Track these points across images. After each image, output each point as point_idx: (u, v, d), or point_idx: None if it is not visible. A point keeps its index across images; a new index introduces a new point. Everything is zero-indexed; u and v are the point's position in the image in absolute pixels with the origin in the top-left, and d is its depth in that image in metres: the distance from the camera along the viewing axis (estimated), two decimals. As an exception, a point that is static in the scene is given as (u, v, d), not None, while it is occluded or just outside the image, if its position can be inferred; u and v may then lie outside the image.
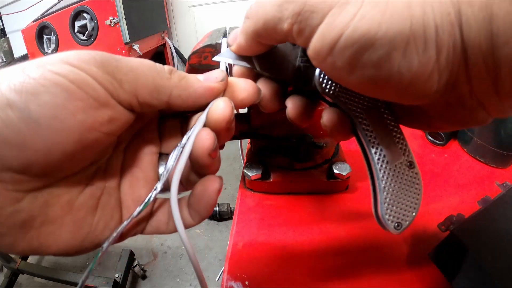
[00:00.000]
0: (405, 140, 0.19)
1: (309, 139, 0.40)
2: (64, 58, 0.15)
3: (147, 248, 1.43)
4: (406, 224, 0.19)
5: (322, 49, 0.14)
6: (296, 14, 0.14)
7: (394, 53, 0.12)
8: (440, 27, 0.12)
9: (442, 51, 0.12)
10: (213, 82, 0.18)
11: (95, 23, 1.52)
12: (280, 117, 0.39)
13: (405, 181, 0.19)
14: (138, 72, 0.16)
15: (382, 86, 0.14)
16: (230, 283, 0.31)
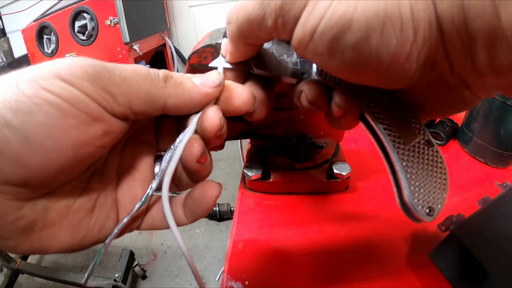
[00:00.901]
0: (417, 119, 0.18)
1: (309, 139, 0.40)
2: (56, 72, 0.15)
3: (147, 248, 1.43)
4: (439, 208, 0.17)
5: (304, 37, 0.14)
6: (278, 8, 0.14)
7: (372, 34, 0.12)
8: (415, 5, 0.12)
9: (419, 29, 0.12)
10: (210, 88, 0.18)
11: (95, 23, 1.52)
12: (280, 117, 0.39)
13: (427, 161, 0.17)
14: (132, 83, 0.16)
15: (363, 70, 0.14)
16: (230, 283, 0.31)
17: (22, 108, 0.14)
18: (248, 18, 0.16)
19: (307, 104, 0.20)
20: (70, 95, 0.14)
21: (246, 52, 0.19)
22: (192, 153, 0.18)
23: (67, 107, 0.14)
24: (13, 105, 0.14)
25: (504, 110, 0.42)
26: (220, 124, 0.18)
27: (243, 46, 0.18)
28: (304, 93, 0.20)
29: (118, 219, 0.20)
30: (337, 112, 0.19)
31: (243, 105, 0.19)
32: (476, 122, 0.47)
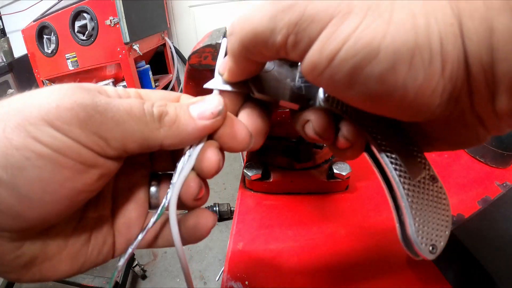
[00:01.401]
0: (422, 153, 0.17)
1: (309, 139, 0.40)
2: (45, 116, 0.13)
3: (147, 248, 1.43)
4: (441, 246, 0.16)
5: (320, 62, 0.13)
6: (293, 24, 0.13)
7: (400, 65, 0.12)
8: (445, 38, 0.11)
9: (447, 64, 0.12)
10: (208, 119, 0.17)
11: (95, 23, 1.52)
12: (280, 117, 0.39)
13: (431, 197, 0.17)
14: (125, 126, 0.15)
15: (384, 102, 0.13)
16: (230, 283, 0.31)
17: (12, 163, 0.13)
18: (254, 31, 0.14)
19: (313, 135, 0.18)
20: (61, 144, 0.14)
21: (247, 70, 0.17)
22: (189, 193, 0.18)
23: (60, 159, 0.14)
24: (2, 159, 0.13)
25: (504, 110, 0.42)
26: (219, 166, 0.17)
27: (244, 62, 0.17)
28: (311, 124, 0.18)
29: (114, 244, 0.20)
30: (343, 144, 0.18)
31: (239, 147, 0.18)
32: (476, 122, 0.47)
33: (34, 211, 0.14)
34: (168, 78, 2.12)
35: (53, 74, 1.76)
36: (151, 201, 0.21)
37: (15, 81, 1.84)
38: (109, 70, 1.69)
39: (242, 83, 0.19)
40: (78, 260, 0.18)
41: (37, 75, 1.81)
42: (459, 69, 0.12)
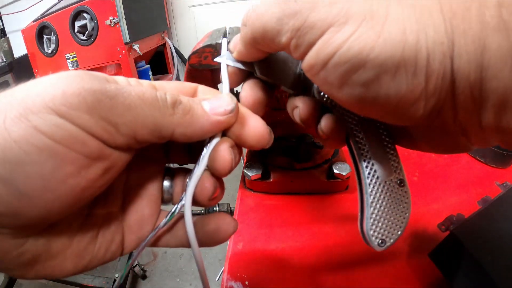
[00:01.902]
0: (398, 157, 0.19)
1: (309, 139, 0.40)
2: (50, 103, 0.13)
3: (147, 248, 1.43)
4: (391, 242, 0.18)
5: (316, 64, 0.14)
6: (295, 29, 0.14)
7: (384, 76, 0.12)
8: (432, 56, 0.12)
9: (431, 79, 0.12)
10: (221, 115, 0.17)
11: (95, 23, 1.52)
12: (280, 117, 0.39)
13: (393, 199, 0.18)
14: (137, 111, 0.14)
15: (369, 105, 0.14)
16: (230, 283, 0.31)
17: (10, 158, 0.12)
18: (263, 28, 0.15)
19: (298, 120, 0.20)
20: (65, 133, 0.13)
21: (255, 55, 0.19)
22: (204, 193, 0.18)
23: (62, 151, 0.13)
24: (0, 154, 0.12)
25: (504, 110, 0.42)
26: (232, 164, 0.17)
27: (252, 50, 0.18)
28: (298, 110, 0.20)
29: (123, 241, 0.19)
30: (321, 134, 0.20)
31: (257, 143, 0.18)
32: (476, 122, 0.47)
33: (33, 210, 0.13)
34: (168, 78, 2.12)
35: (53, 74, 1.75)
36: (164, 196, 0.20)
37: (15, 81, 1.84)
38: (109, 70, 1.69)
39: (248, 63, 0.20)
40: (84, 258, 0.17)
41: (37, 75, 1.81)
42: (444, 84, 0.12)
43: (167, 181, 0.21)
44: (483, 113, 0.13)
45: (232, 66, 0.20)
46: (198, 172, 0.17)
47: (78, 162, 0.13)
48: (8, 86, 0.61)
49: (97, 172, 0.14)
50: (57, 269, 0.16)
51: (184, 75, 0.35)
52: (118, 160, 0.15)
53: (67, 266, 0.16)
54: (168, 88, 0.19)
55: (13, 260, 0.14)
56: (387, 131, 0.19)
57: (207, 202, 0.18)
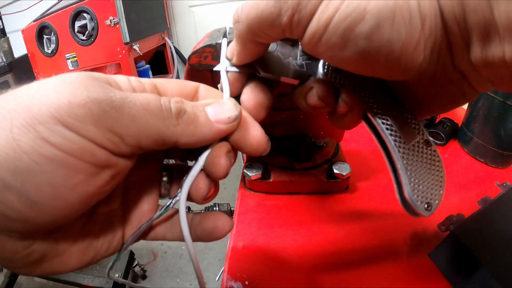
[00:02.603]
0: (417, 120, 0.19)
1: (309, 139, 0.40)
2: (56, 113, 0.13)
3: (147, 248, 1.43)
4: (436, 204, 0.18)
5: (318, 29, 0.14)
6: (295, 4, 0.14)
7: (383, 24, 0.13)
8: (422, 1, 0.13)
9: (426, 20, 0.13)
10: (224, 124, 0.17)
11: (95, 23, 1.52)
12: (280, 117, 0.39)
13: (425, 160, 0.18)
14: (142, 122, 0.14)
15: (374, 59, 0.14)
16: (230, 283, 0.31)
17: (21, 168, 0.12)
18: (260, 16, 0.15)
19: (316, 100, 0.20)
20: (74, 146, 0.13)
21: (254, 52, 0.19)
22: (198, 193, 0.18)
23: (72, 162, 0.13)
24: (10, 164, 0.12)
25: (504, 110, 0.42)
26: (227, 170, 0.18)
27: (251, 45, 0.18)
28: (315, 90, 0.20)
29: (124, 236, 0.20)
30: (343, 109, 0.19)
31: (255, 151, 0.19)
32: (476, 122, 0.47)
33: (43, 216, 0.14)
34: (168, 78, 2.12)
35: (53, 74, 1.74)
36: (162, 191, 0.21)
37: (15, 81, 1.84)
38: (109, 70, 1.69)
39: (248, 64, 0.20)
40: (88, 254, 0.18)
41: (37, 75, 1.81)
42: (437, 23, 0.14)
43: (165, 177, 0.21)
44: (471, 49, 0.14)
45: (234, 71, 0.20)
46: (194, 172, 0.18)
47: (87, 171, 0.14)
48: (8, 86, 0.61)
49: (105, 179, 0.15)
50: (62, 266, 0.17)
51: (184, 75, 0.35)
52: (124, 166, 0.15)
53: (72, 263, 0.17)
54: (170, 88, 0.19)
55: (21, 260, 0.15)
56: (397, 96, 0.19)
57: (201, 200, 0.19)
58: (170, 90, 0.19)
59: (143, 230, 0.19)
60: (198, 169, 0.18)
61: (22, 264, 0.15)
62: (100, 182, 0.14)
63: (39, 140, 0.13)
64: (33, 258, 0.15)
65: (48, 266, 0.16)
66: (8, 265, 0.15)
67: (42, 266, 0.16)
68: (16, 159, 0.12)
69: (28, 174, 0.12)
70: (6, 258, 0.14)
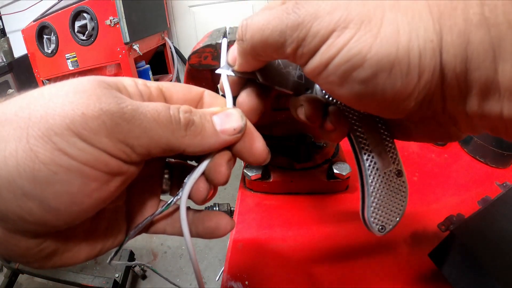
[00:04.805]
0: (396, 150, 0.20)
1: (309, 139, 0.40)
2: (71, 125, 0.13)
3: (147, 248, 1.43)
4: (390, 228, 0.20)
5: (319, 66, 0.15)
6: (300, 40, 0.15)
7: (380, 73, 0.14)
8: (423, 53, 0.13)
9: (423, 74, 0.13)
10: (230, 135, 0.18)
11: (95, 23, 1.52)
12: (280, 117, 0.39)
13: (392, 188, 0.20)
14: (152, 134, 0.15)
15: (366, 101, 0.15)
16: (230, 283, 0.31)
17: (40, 178, 0.13)
18: (265, 41, 0.16)
19: (303, 117, 0.21)
20: (89, 156, 0.14)
21: (255, 65, 0.19)
22: (198, 195, 0.19)
23: (88, 171, 0.14)
24: (29, 174, 0.13)
25: (504, 110, 0.42)
26: (228, 178, 0.19)
27: (252, 61, 0.18)
28: (303, 108, 0.21)
29: (128, 231, 0.21)
30: (329, 127, 0.21)
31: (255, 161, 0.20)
32: (476, 122, 0.47)
33: (60, 219, 0.14)
34: (168, 78, 2.12)
35: (53, 74, 1.76)
36: (163, 188, 0.22)
37: (15, 81, 1.84)
38: (109, 70, 1.69)
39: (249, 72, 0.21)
40: (96, 248, 0.19)
41: (37, 75, 1.81)
42: (434, 77, 0.14)
43: (167, 175, 0.22)
44: (468, 102, 0.14)
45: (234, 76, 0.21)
46: (195, 175, 0.19)
47: (101, 179, 0.15)
48: (8, 86, 0.61)
49: (117, 184, 0.16)
50: (72, 259, 0.18)
51: (184, 75, 0.35)
52: (134, 172, 0.16)
53: (81, 256, 0.18)
54: (176, 93, 0.20)
55: (34, 256, 0.16)
56: (385, 126, 0.20)
57: (200, 202, 0.20)
58: (176, 96, 0.20)
59: (144, 224, 0.20)
60: (199, 173, 0.19)
61: (34, 259, 0.16)
62: (112, 188, 0.15)
63: (56, 152, 0.13)
64: (45, 253, 0.16)
65: (58, 260, 0.17)
66: (21, 261, 0.16)
67: (53, 260, 0.17)
68: (35, 169, 0.13)
69: (46, 183, 0.13)
70: (20, 255, 0.15)
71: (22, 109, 0.14)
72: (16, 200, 0.13)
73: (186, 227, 0.19)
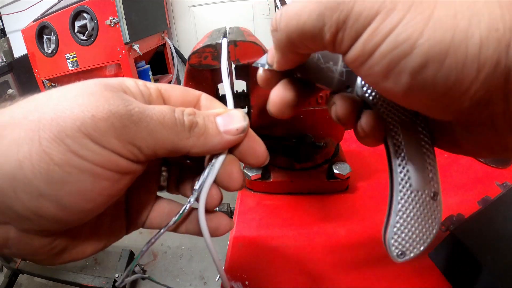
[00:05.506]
0: (435, 168, 0.17)
1: (309, 139, 0.40)
2: (82, 127, 0.14)
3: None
4: (410, 256, 0.17)
5: (362, 55, 0.13)
6: (341, 22, 0.13)
7: (432, 63, 0.12)
8: (485, 43, 0.11)
9: (483, 69, 0.11)
10: (233, 135, 0.18)
11: (95, 23, 1.52)
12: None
13: (423, 212, 0.17)
14: (158, 136, 0.16)
15: (413, 96, 0.13)
16: (230, 283, 0.31)
17: (55, 179, 0.14)
18: (301, 28, 0.14)
19: (334, 117, 0.20)
20: (100, 158, 0.14)
21: (294, 61, 0.18)
22: (212, 203, 0.20)
23: (100, 171, 0.15)
24: (45, 176, 0.14)
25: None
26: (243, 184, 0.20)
27: (290, 55, 0.17)
28: (335, 107, 0.19)
29: (127, 226, 0.21)
30: (360, 132, 0.19)
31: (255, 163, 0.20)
32: (476, 122, 0.47)
33: (73, 217, 0.15)
34: (168, 78, 2.12)
35: (53, 74, 1.75)
36: (161, 184, 0.23)
37: (15, 81, 1.83)
38: (109, 70, 1.69)
39: None
40: (101, 242, 0.20)
41: (37, 75, 1.80)
42: (496, 73, 0.11)
43: (165, 172, 0.23)
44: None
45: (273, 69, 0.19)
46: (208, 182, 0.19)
47: (112, 178, 0.15)
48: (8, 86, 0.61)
49: (125, 182, 0.16)
50: (80, 254, 0.18)
51: (184, 75, 0.35)
52: (140, 170, 0.17)
53: (88, 251, 0.19)
54: (174, 96, 0.20)
55: (45, 253, 0.17)
56: (428, 136, 0.17)
57: (213, 209, 0.21)
58: (174, 98, 0.20)
59: (158, 237, 0.20)
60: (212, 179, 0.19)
61: (45, 257, 0.17)
62: (121, 186, 0.16)
63: (69, 153, 0.14)
64: (56, 250, 0.17)
65: (68, 256, 0.18)
66: (32, 259, 0.17)
67: (63, 256, 0.18)
68: (50, 171, 0.14)
69: (61, 184, 0.14)
70: (32, 253, 0.16)
71: (31, 113, 0.14)
72: (33, 200, 0.14)
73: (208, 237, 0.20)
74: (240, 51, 0.31)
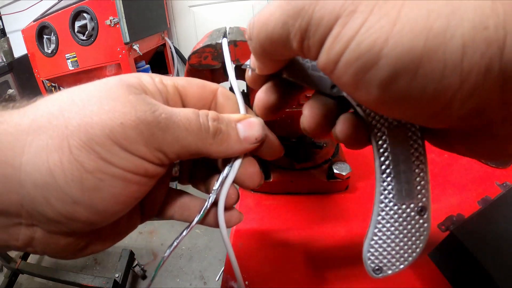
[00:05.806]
0: (426, 180, 0.15)
1: (309, 139, 0.40)
2: (111, 134, 0.14)
3: (147, 248, 1.43)
4: (388, 273, 0.16)
5: (328, 64, 0.12)
6: (304, 30, 0.12)
7: (402, 75, 0.10)
8: (470, 46, 0.09)
9: (469, 77, 0.09)
10: (251, 144, 0.19)
11: (95, 23, 1.52)
12: (280, 117, 0.39)
13: (406, 227, 0.15)
14: (183, 142, 0.16)
15: (391, 107, 0.12)
16: (230, 283, 0.31)
17: (88, 186, 0.14)
18: (270, 37, 0.13)
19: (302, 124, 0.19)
20: (131, 164, 0.15)
21: (274, 67, 0.17)
22: (230, 202, 0.21)
23: (129, 176, 0.15)
24: (78, 183, 0.14)
25: (504, 110, 0.42)
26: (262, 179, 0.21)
27: (268, 62, 0.17)
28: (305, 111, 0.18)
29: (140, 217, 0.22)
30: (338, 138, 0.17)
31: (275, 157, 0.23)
32: (476, 122, 0.47)
33: (105, 219, 0.16)
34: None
35: (53, 74, 1.76)
36: (172, 175, 0.24)
37: (15, 81, 1.83)
38: (109, 70, 1.69)
39: None
40: (119, 236, 0.21)
41: (37, 75, 1.80)
42: (488, 82, 0.09)
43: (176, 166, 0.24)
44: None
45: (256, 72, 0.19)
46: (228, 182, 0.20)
47: (141, 182, 0.16)
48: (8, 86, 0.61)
49: (151, 184, 0.17)
50: (100, 248, 0.19)
51: (184, 75, 0.35)
52: (163, 172, 0.18)
53: (107, 244, 0.20)
54: (191, 93, 0.20)
55: (70, 250, 0.17)
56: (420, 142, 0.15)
57: (230, 207, 0.22)
58: (191, 95, 0.20)
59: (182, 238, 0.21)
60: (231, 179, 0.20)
61: (69, 253, 0.18)
62: (147, 188, 0.17)
63: (100, 161, 0.14)
64: (80, 247, 0.18)
65: (90, 250, 0.19)
66: (56, 256, 0.18)
67: (85, 251, 0.18)
68: (82, 178, 0.14)
69: (94, 190, 0.14)
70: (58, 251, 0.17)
71: (56, 117, 0.14)
72: (66, 207, 0.14)
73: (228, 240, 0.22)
74: (240, 51, 0.31)
